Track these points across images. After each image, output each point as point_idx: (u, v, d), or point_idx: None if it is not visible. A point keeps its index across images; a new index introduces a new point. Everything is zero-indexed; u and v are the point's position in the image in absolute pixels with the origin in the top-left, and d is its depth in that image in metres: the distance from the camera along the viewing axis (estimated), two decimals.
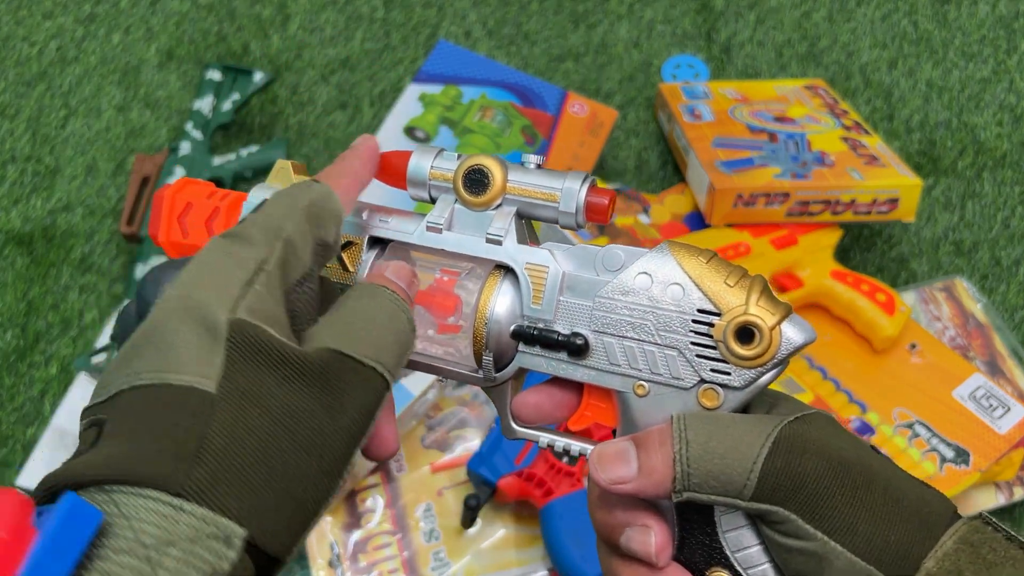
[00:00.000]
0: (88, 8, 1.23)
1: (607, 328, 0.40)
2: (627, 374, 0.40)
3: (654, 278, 0.40)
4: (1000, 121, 1.17)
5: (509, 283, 0.43)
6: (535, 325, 0.42)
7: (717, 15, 1.25)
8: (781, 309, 0.38)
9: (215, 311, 0.33)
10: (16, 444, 0.92)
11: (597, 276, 0.41)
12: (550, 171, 0.43)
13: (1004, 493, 0.90)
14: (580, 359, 0.41)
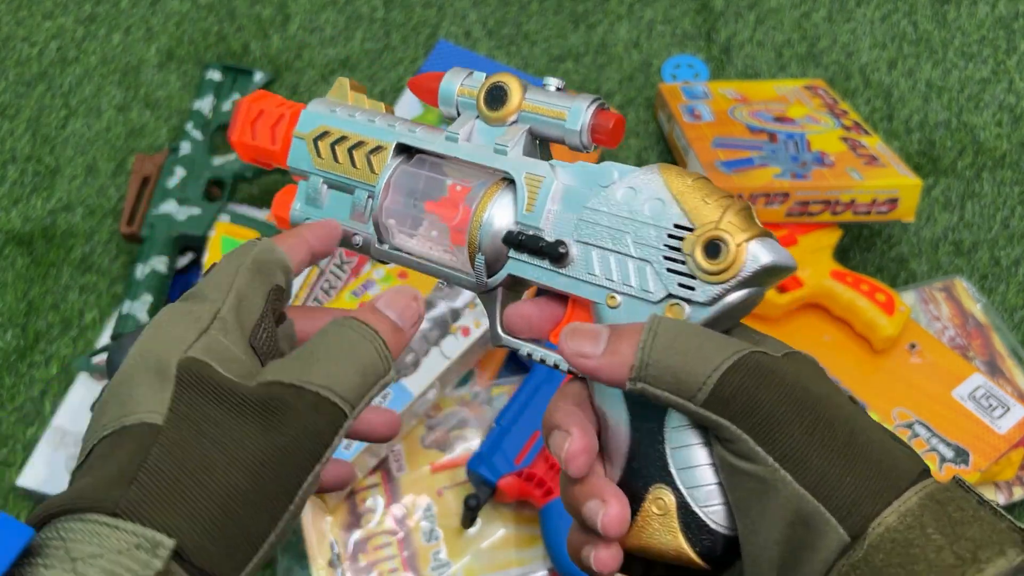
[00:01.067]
0: (88, 8, 1.23)
1: (589, 239, 0.41)
2: (602, 284, 0.41)
3: (639, 193, 0.40)
4: (1000, 121, 1.17)
5: (509, 193, 0.44)
6: (523, 231, 0.43)
7: (717, 15, 1.25)
8: (753, 228, 0.38)
9: (167, 357, 0.36)
10: (16, 444, 0.92)
11: (588, 190, 0.42)
12: (567, 93, 0.45)
13: (1004, 493, 0.90)
14: (561, 267, 0.42)
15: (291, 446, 0.35)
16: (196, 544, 0.32)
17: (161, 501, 0.33)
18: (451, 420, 0.91)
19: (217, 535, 0.33)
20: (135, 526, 0.32)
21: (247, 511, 0.34)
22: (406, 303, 0.41)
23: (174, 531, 0.32)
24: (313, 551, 0.85)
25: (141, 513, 0.32)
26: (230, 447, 0.35)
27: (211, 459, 0.34)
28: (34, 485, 0.87)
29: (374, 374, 0.39)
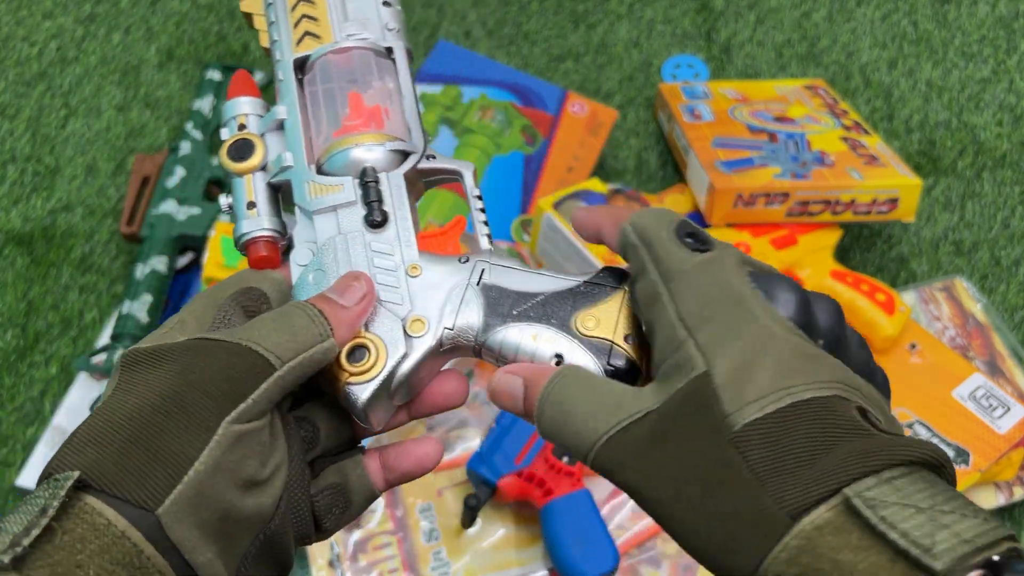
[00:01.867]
0: (88, 8, 1.23)
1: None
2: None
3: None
4: (1000, 121, 1.17)
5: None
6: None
7: (717, 15, 1.25)
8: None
9: (122, 357, 0.40)
10: (16, 444, 0.92)
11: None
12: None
13: (1004, 493, 0.90)
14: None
15: (203, 384, 0.37)
16: (103, 472, 0.35)
17: (78, 450, 0.36)
18: (451, 420, 0.91)
19: (125, 462, 0.35)
20: (53, 476, 0.35)
21: (155, 440, 0.36)
22: (347, 282, 0.42)
23: (79, 466, 0.35)
24: (313, 551, 0.85)
25: (62, 463, 0.36)
26: (146, 394, 0.37)
27: (128, 407, 0.37)
28: (34, 485, 0.87)
29: (306, 336, 0.40)
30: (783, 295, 0.38)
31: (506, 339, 0.42)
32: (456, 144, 1.05)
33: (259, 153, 0.46)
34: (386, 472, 0.44)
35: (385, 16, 0.50)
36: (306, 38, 0.49)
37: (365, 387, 0.41)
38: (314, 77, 0.48)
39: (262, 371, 0.38)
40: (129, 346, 0.91)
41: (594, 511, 0.82)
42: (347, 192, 0.45)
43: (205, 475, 0.36)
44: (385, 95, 0.48)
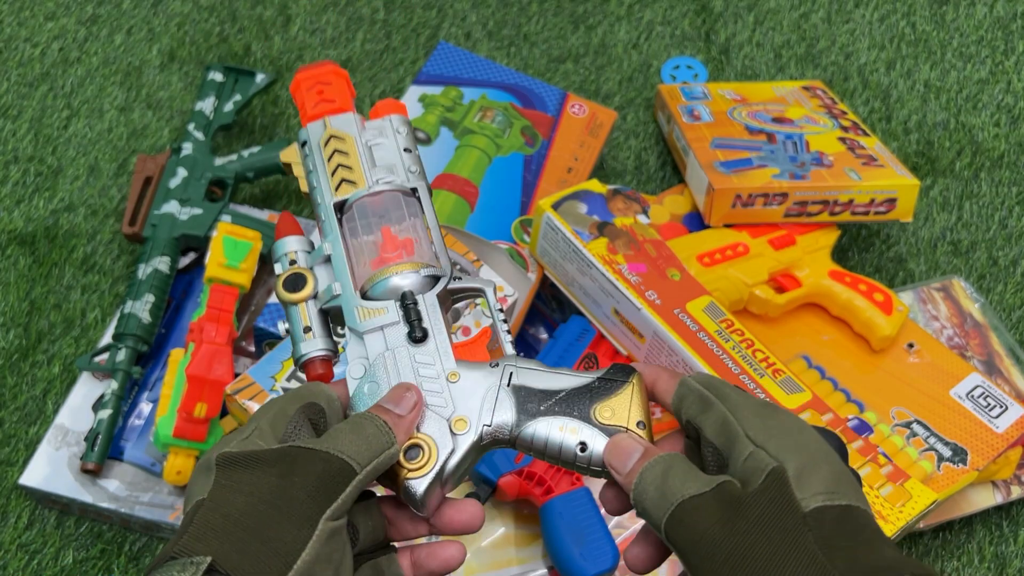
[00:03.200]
0: (90, 9, 1.23)
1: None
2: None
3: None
4: (998, 122, 1.17)
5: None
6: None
7: (716, 16, 1.26)
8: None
9: (212, 457, 0.46)
10: (19, 443, 0.93)
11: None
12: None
13: (1001, 492, 0.90)
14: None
15: (304, 483, 0.44)
16: (228, 559, 0.41)
17: (201, 539, 0.42)
18: None
19: (246, 551, 0.41)
20: (183, 559, 0.41)
21: (271, 532, 0.42)
22: (400, 393, 0.50)
23: (210, 552, 0.41)
24: None
25: (188, 549, 0.41)
26: (252, 490, 0.44)
27: (237, 502, 0.43)
28: (36, 484, 0.88)
29: (377, 444, 0.47)
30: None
31: (537, 431, 0.50)
32: (456, 145, 1.05)
33: (310, 285, 0.54)
34: (415, 569, 0.51)
35: (407, 161, 0.58)
36: (343, 184, 0.57)
37: (422, 481, 0.48)
38: (352, 216, 0.56)
39: (348, 475, 0.45)
40: (131, 345, 0.92)
41: (594, 510, 0.83)
42: (391, 314, 0.53)
43: (309, 564, 0.42)
44: (413, 228, 0.56)
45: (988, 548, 0.90)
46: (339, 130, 0.58)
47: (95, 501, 0.87)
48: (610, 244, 0.91)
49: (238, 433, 0.47)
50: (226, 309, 0.91)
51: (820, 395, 0.85)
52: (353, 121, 0.59)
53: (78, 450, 0.90)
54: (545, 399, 0.50)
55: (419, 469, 0.49)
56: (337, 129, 0.59)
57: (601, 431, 0.49)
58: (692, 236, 0.99)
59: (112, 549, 0.88)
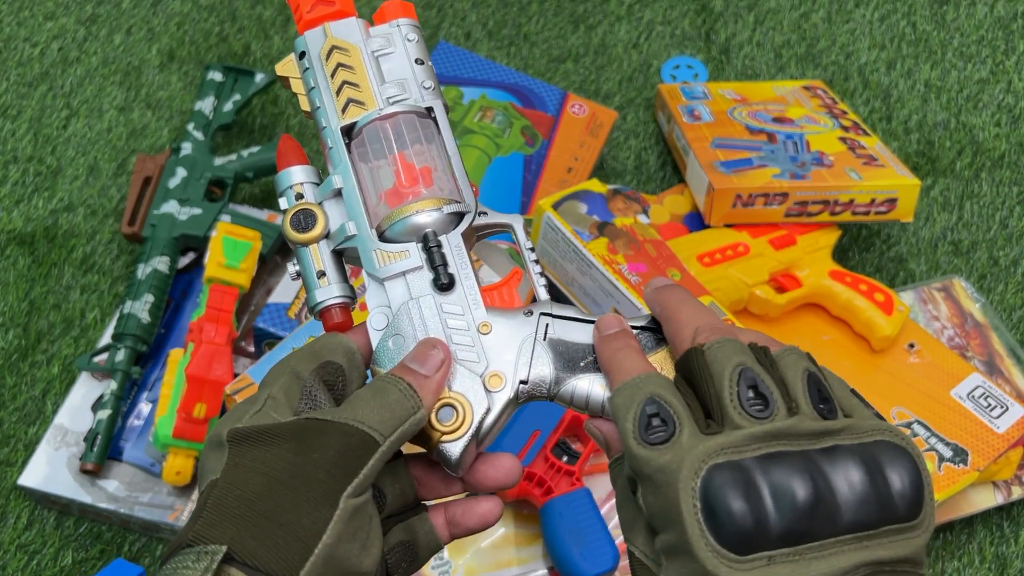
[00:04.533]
0: (90, 9, 1.23)
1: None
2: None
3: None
4: (998, 121, 1.17)
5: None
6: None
7: (716, 16, 1.26)
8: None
9: (223, 433, 0.43)
10: (18, 443, 0.92)
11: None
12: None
13: (1002, 492, 0.90)
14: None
15: (323, 461, 0.41)
16: (245, 546, 0.39)
17: (216, 524, 0.40)
18: None
19: (263, 536, 0.39)
20: (198, 546, 0.39)
21: (288, 515, 0.40)
22: (425, 351, 0.46)
23: (225, 540, 0.39)
24: None
25: (203, 537, 0.39)
26: (267, 470, 0.41)
27: (253, 482, 0.41)
28: (35, 484, 0.87)
29: (402, 410, 0.43)
30: (727, 512, 0.37)
31: (577, 389, 0.46)
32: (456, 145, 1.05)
33: (321, 223, 0.49)
34: (451, 527, 0.48)
35: (420, 75, 0.52)
36: (351, 106, 0.51)
37: (456, 443, 0.45)
38: (362, 142, 0.50)
39: (370, 447, 0.42)
40: (130, 345, 0.92)
41: (594, 510, 0.83)
42: (413, 258, 0.48)
43: (331, 547, 0.40)
44: (431, 155, 0.50)
45: (989, 549, 0.90)
46: (342, 40, 0.52)
47: (94, 501, 0.87)
48: (610, 244, 0.90)
49: (250, 403, 0.44)
50: (225, 309, 0.91)
51: None
52: (357, 28, 0.52)
53: (77, 450, 0.90)
54: (586, 354, 0.47)
55: (454, 432, 0.45)
56: (339, 39, 0.52)
57: None
58: (692, 236, 0.99)
59: (111, 550, 0.87)
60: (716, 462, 0.37)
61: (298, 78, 0.53)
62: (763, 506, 0.37)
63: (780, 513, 0.37)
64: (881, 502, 0.38)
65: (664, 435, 0.39)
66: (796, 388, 0.40)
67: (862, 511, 0.37)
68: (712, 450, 0.38)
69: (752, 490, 0.37)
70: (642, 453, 0.39)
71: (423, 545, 0.48)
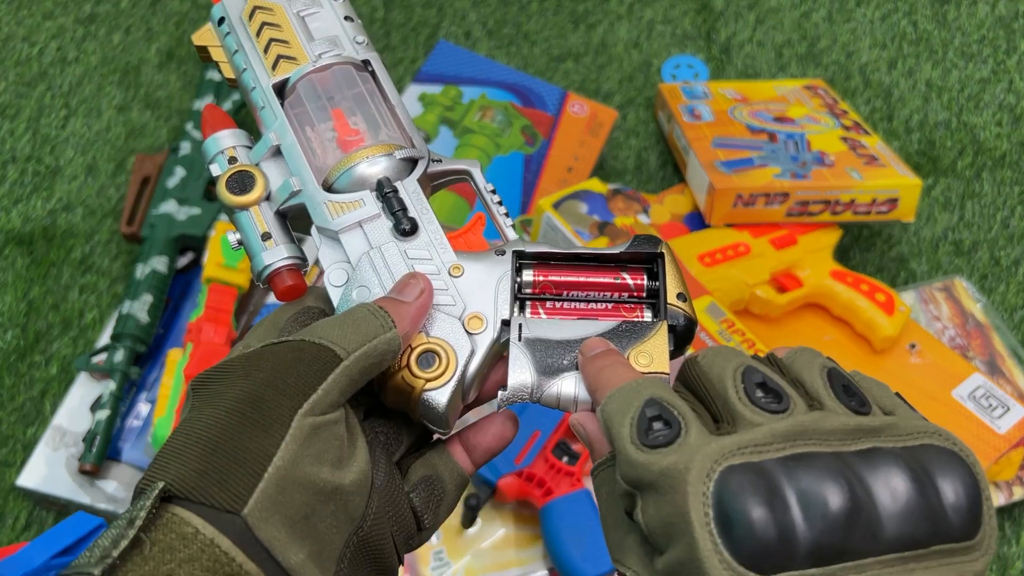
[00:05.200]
0: (88, 8, 1.23)
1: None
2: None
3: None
4: (1000, 121, 1.17)
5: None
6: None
7: (717, 15, 1.25)
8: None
9: (191, 382, 0.41)
10: (16, 444, 0.92)
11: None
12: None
13: (1004, 493, 0.90)
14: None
15: (271, 379, 0.38)
16: (187, 482, 0.35)
17: (163, 466, 0.36)
18: None
19: (206, 468, 0.35)
20: (139, 487, 0.36)
21: (232, 442, 0.36)
22: (404, 281, 0.43)
23: (164, 477, 0.35)
24: None
25: (148, 477, 0.36)
26: (218, 403, 0.38)
27: (203, 418, 0.37)
28: (34, 485, 0.87)
29: (369, 328, 0.40)
30: (744, 521, 0.31)
31: (563, 391, 0.42)
32: (456, 144, 1.05)
33: (260, 183, 0.45)
34: (470, 453, 0.45)
35: (351, 31, 0.50)
36: (281, 62, 0.48)
37: (443, 391, 0.42)
38: (298, 98, 0.48)
39: (329, 362, 0.38)
40: (129, 345, 0.92)
41: (594, 511, 0.82)
42: (368, 206, 0.45)
43: (285, 470, 0.36)
44: (374, 106, 0.48)
45: None
46: (264, 0, 0.49)
47: (93, 502, 0.87)
48: (611, 244, 0.90)
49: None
50: (224, 309, 0.91)
51: None
52: None
53: (76, 451, 0.89)
54: (567, 351, 0.43)
55: (438, 379, 0.42)
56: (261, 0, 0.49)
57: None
58: (693, 236, 0.99)
59: None
60: (732, 463, 0.32)
61: (218, 46, 0.50)
62: (789, 515, 0.31)
63: (809, 524, 0.31)
64: (932, 516, 0.32)
65: (668, 436, 0.34)
66: (815, 383, 0.35)
67: (909, 525, 0.31)
68: (727, 448, 0.32)
69: (776, 496, 0.31)
70: (642, 458, 0.34)
71: (448, 478, 0.44)
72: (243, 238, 0.46)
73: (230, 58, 0.50)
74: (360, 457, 0.39)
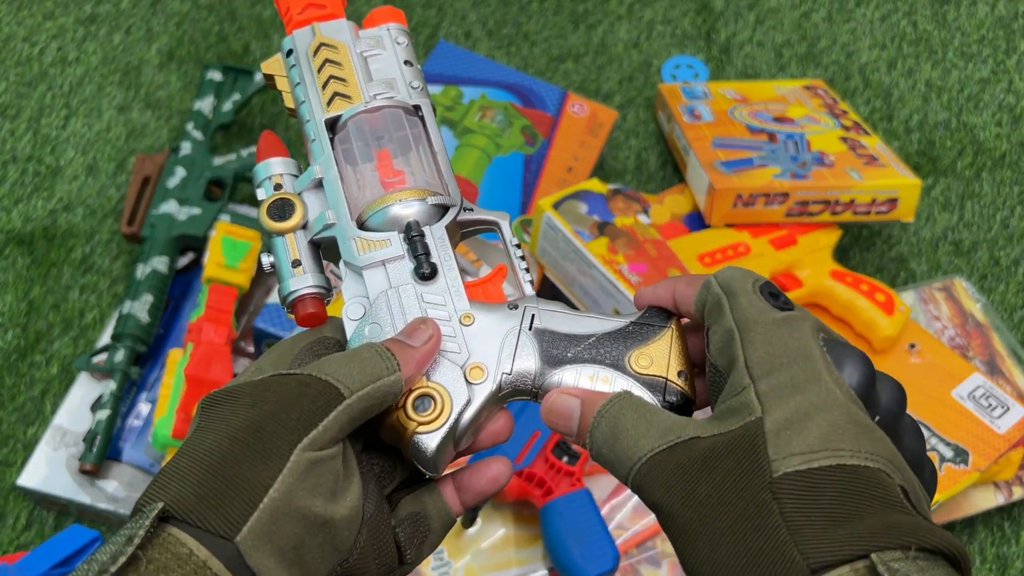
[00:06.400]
0: (89, 8, 1.23)
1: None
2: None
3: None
4: (999, 121, 1.17)
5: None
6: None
7: (717, 15, 1.25)
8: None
9: (200, 401, 0.42)
10: (17, 444, 0.92)
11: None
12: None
13: (1003, 492, 0.90)
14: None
15: (275, 411, 0.39)
16: (185, 503, 0.37)
17: (163, 485, 0.38)
18: None
19: (204, 492, 0.37)
20: (141, 509, 0.37)
21: (232, 469, 0.37)
22: (415, 325, 0.44)
23: (163, 498, 0.37)
24: None
25: (148, 497, 0.38)
26: (223, 428, 0.39)
27: (207, 442, 0.39)
28: (34, 485, 0.87)
29: (373, 369, 0.41)
30: (851, 365, 0.39)
31: (564, 381, 0.44)
32: (456, 144, 1.05)
33: (299, 212, 0.47)
34: (461, 494, 0.46)
35: (408, 75, 0.52)
36: (336, 99, 0.50)
37: (433, 436, 0.42)
38: (347, 136, 0.50)
39: (332, 399, 0.40)
40: (129, 345, 0.92)
41: (594, 511, 0.82)
42: (394, 247, 0.46)
43: (280, 501, 0.37)
44: (417, 150, 0.50)
45: (990, 549, 0.89)
46: (330, 38, 0.52)
47: (93, 502, 0.87)
48: (610, 244, 0.90)
49: (236, 377, 0.43)
50: (225, 309, 0.91)
51: None
52: (346, 28, 0.52)
53: (76, 451, 0.89)
54: (573, 344, 0.45)
55: (431, 423, 0.42)
56: (328, 37, 0.52)
57: (637, 381, 0.44)
58: (693, 236, 0.99)
59: None
60: (830, 336, 0.40)
61: (283, 76, 0.53)
62: (874, 383, 0.39)
63: (886, 397, 0.40)
64: (921, 464, 0.41)
65: (782, 305, 0.41)
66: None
67: (915, 456, 0.40)
68: (824, 327, 0.41)
69: (867, 368, 0.39)
70: (764, 305, 0.40)
71: (435, 516, 0.45)
72: (276, 261, 0.47)
73: (292, 89, 0.52)
74: (353, 492, 0.40)
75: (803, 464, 0.35)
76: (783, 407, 0.37)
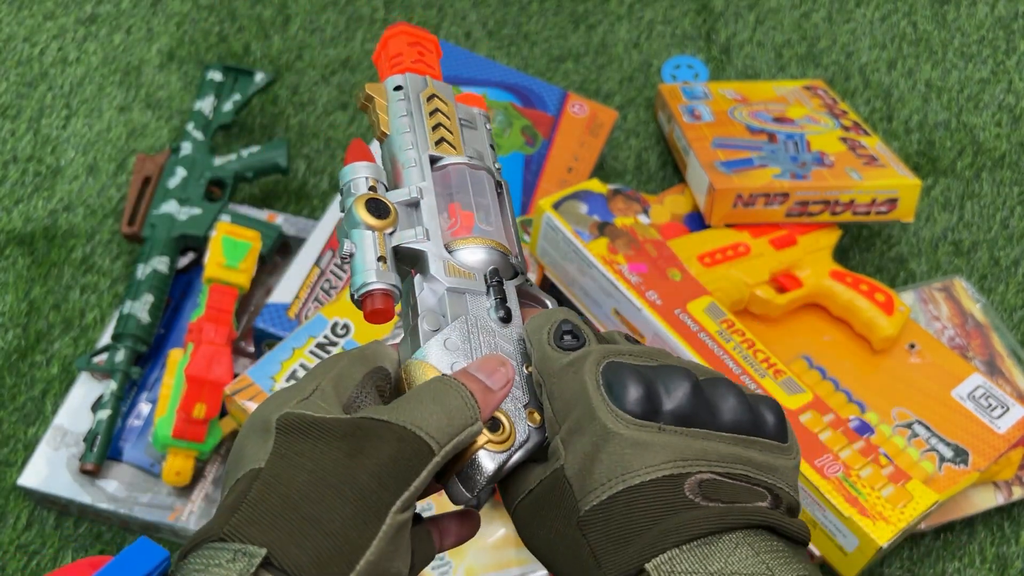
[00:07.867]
0: (89, 9, 1.23)
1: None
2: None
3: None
4: (999, 121, 1.17)
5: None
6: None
7: (717, 16, 1.26)
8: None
9: (270, 416, 0.42)
10: (17, 444, 0.92)
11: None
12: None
13: (1003, 492, 0.90)
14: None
15: (376, 469, 0.39)
16: (286, 552, 0.37)
17: (256, 522, 0.38)
18: None
19: (305, 545, 0.37)
20: (234, 544, 0.37)
21: (334, 525, 0.38)
22: (494, 367, 0.45)
23: (265, 542, 0.37)
24: None
25: (241, 534, 0.37)
26: (317, 471, 0.39)
27: (300, 482, 0.39)
28: (35, 485, 0.87)
29: (460, 420, 0.42)
30: (628, 385, 0.42)
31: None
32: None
33: (393, 215, 0.49)
34: (441, 538, 0.47)
35: (490, 156, 0.56)
36: (443, 143, 0.53)
37: (496, 456, 0.44)
38: (447, 177, 0.52)
39: (424, 457, 0.40)
40: (130, 345, 0.92)
41: None
42: (478, 283, 0.49)
43: (373, 564, 0.38)
44: (505, 218, 0.54)
45: (990, 549, 0.89)
46: (442, 94, 0.55)
47: (94, 502, 0.87)
48: (611, 244, 0.90)
49: (296, 390, 0.43)
50: (225, 309, 0.91)
51: (821, 396, 0.85)
52: (451, 93, 0.56)
53: (77, 451, 0.90)
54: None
55: (500, 443, 0.44)
56: (440, 92, 0.55)
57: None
58: (693, 236, 0.99)
59: (111, 550, 0.87)
60: (611, 359, 0.43)
61: (383, 102, 0.55)
62: (656, 390, 0.41)
63: (670, 398, 0.41)
64: (754, 417, 0.42)
65: (575, 344, 0.44)
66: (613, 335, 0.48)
67: (740, 416, 0.42)
68: (612, 352, 0.43)
69: (647, 379, 0.42)
70: (555, 354, 0.44)
71: (419, 551, 0.46)
72: (356, 252, 0.48)
73: (394, 118, 0.54)
74: (408, 551, 0.42)
75: (596, 498, 0.40)
76: (574, 450, 0.41)
